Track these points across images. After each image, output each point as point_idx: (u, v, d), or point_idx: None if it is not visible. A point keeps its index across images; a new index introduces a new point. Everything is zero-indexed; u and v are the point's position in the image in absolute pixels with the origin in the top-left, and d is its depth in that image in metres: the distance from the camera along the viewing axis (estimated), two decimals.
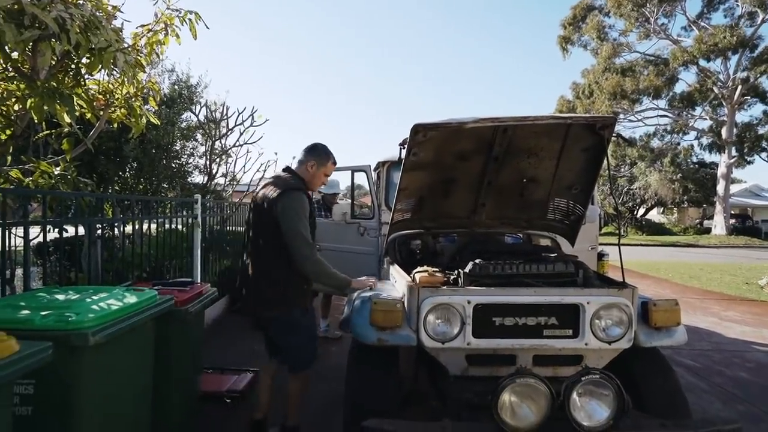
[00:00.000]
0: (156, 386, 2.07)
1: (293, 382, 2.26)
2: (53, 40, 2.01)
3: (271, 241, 2.13)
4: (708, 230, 24.01)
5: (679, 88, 22.24)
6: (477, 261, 2.05)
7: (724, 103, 21.36)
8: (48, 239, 2.61)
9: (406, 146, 2.18)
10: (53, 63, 2.25)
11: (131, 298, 1.85)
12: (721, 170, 22.03)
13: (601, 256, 4.06)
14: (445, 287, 1.96)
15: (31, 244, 2.64)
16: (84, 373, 1.53)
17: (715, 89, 20.98)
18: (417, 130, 2.06)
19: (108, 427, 1.68)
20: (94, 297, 1.77)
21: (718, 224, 22.26)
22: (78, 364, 1.51)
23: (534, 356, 1.94)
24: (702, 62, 20.32)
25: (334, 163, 2.35)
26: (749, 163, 22.84)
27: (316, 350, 2.27)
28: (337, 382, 2.48)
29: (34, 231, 2.76)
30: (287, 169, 2.29)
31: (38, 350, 1.27)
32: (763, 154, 21.85)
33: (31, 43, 2.00)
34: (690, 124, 23.42)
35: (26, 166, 2.61)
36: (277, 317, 2.18)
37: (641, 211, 29.57)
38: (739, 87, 20.34)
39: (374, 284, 2.15)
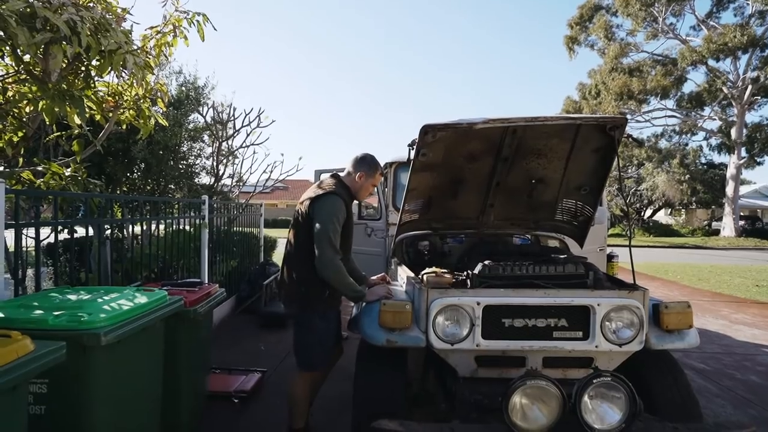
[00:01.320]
0: (165, 386, 2.08)
1: (295, 381, 2.27)
2: (64, 42, 2.03)
3: (300, 243, 2.18)
4: (716, 232, 23.73)
5: (688, 88, 22.05)
6: (486, 262, 2.04)
7: (733, 104, 21.10)
8: (58, 240, 2.63)
9: (415, 147, 2.18)
10: (64, 65, 2.28)
11: (142, 299, 1.86)
12: (731, 171, 21.77)
13: (610, 257, 4.03)
14: (454, 288, 1.95)
15: (41, 244, 2.67)
16: (96, 372, 1.55)
17: (725, 89, 20.74)
18: (426, 130, 2.06)
19: (119, 426, 1.69)
20: (106, 297, 1.79)
21: (727, 226, 21.99)
22: (90, 363, 1.53)
23: (544, 358, 1.93)
24: (711, 62, 20.10)
25: (382, 173, 2.42)
26: (759, 164, 22.55)
27: (325, 356, 2.23)
28: (345, 383, 2.48)
29: (44, 232, 2.80)
30: (335, 176, 2.31)
31: (52, 350, 1.28)
32: None
33: (42, 46, 2.02)
34: (699, 125, 23.17)
35: (37, 168, 2.64)
36: (295, 316, 2.23)
37: (648, 212, 29.30)
38: (749, 87, 20.09)
39: (390, 294, 2.12)
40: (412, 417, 1.94)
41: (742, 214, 24.92)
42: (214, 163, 6.60)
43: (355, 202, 2.48)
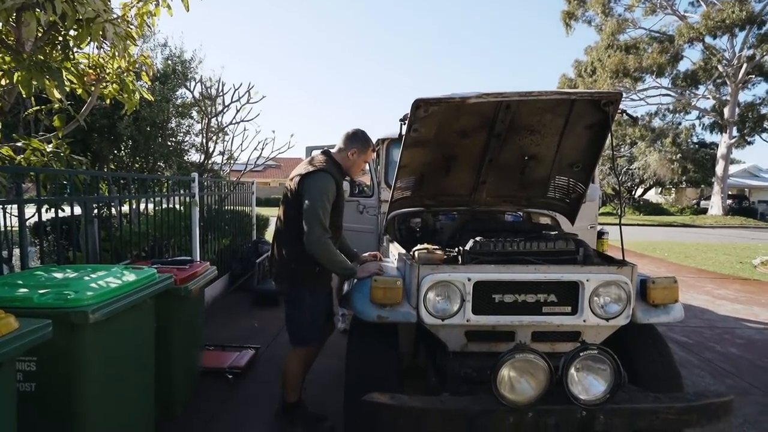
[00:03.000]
0: (158, 363, 2.09)
1: (288, 357, 2.30)
2: (37, 9, 1.92)
3: (289, 220, 2.16)
4: (705, 210, 24.08)
5: (683, 66, 21.93)
6: (477, 238, 2.04)
7: (728, 82, 21.00)
8: (44, 218, 2.58)
9: (406, 122, 2.14)
10: (39, 35, 2.17)
11: (130, 276, 1.84)
12: (721, 150, 21.91)
13: (600, 234, 4.07)
14: (445, 264, 1.95)
15: (27, 223, 2.61)
16: (85, 350, 1.54)
17: (720, 67, 20.60)
18: (418, 105, 2.01)
19: (110, 403, 1.70)
20: (93, 275, 1.76)
21: (715, 204, 22.31)
22: (78, 341, 1.52)
23: (533, 332, 1.96)
24: (708, 39, 19.86)
25: (374, 150, 2.39)
26: (750, 143, 22.67)
27: (317, 332, 2.25)
28: (337, 358, 2.51)
29: (29, 210, 2.73)
30: (326, 153, 2.27)
31: (38, 328, 1.26)
32: (765, 135, 21.69)
33: (14, 13, 1.92)
34: (692, 104, 23.12)
35: (17, 143, 2.55)
36: (285, 293, 2.24)
37: (639, 191, 29.57)
38: (744, 65, 19.97)
39: (381, 271, 2.12)
40: (403, 390, 1.97)
41: (730, 193, 25.24)
42: (204, 140, 6.47)
43: (348, 179, 2.46)
